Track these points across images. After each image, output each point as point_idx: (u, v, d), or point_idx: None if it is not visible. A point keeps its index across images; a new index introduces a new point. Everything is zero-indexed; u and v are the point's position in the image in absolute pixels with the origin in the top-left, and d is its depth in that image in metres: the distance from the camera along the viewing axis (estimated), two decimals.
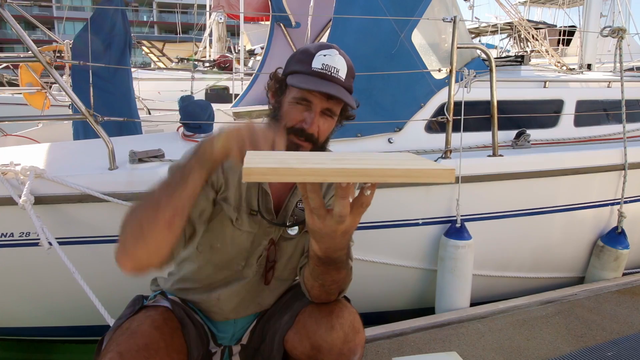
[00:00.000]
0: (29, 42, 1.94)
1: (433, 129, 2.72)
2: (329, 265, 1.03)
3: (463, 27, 3.07)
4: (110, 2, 3.14)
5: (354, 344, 1.14)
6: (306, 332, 1.15)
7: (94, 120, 2.07)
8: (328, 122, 1.16)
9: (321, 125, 1.14)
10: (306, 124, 1.12)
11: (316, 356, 1.13)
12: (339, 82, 1.12)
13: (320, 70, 1.11)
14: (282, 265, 1.31)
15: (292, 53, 1.21)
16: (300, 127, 1.12)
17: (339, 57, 1.14)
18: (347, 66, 1.15)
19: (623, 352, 2.01)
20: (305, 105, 1.12)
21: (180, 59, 9.96)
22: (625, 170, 2.81)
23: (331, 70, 1.12)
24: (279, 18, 4.03)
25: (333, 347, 1.12)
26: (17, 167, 1.98)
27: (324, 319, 1.14)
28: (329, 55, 1.13)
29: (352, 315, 1.17)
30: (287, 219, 1.25)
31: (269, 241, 1.26)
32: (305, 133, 1.12)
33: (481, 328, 2.22)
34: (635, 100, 3.44)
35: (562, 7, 10.67)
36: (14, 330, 2.53)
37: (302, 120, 1.12)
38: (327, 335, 1.12)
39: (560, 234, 2.84)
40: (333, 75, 1.12)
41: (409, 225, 2.47)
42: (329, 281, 1.10)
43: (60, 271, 1.95)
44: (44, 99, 4.00)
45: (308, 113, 1.12)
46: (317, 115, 1.12)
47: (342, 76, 1.13)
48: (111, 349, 1.02)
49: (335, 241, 0.91)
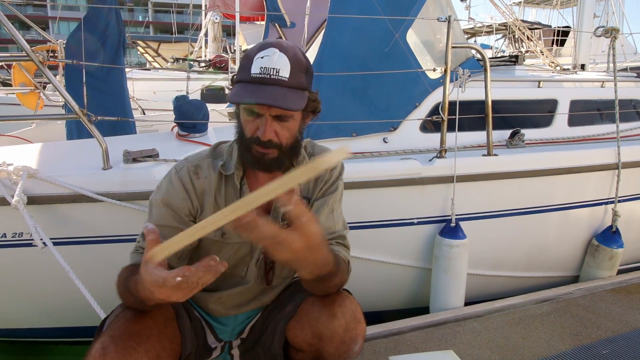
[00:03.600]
0: (21, 41, 1.93)
1: (428, 129, 2.73)
2: (321, 281, 1.04)
3: (457, 27, 3.07)
4: (104, 2, 3.12)
5: (355, 332, 1.14)
6: (308, 320, 1.15)
7: (88, 119, 2.06)
8: (287, 125, 1.11)
9: (279, 130, 1.10)
10: (260, 132, 1.09)
11: (317, 344, 1.14)
12: (282, 83, 1.05)
13: (258, 76, 1.04)
14: (279, 266, 1.31)
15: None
16: (256, 136, 1.09)
17: (279, 55, 1.06)
18: (290, 62, 1.06)
19: (618, 350, 2.02)
20: (256, 114, 1.09)
21: (175, 59, 9.92)
22: (619, 170, 2.83)
23: (270, 73, 1.04)
24: (274, 18, 4.03)
25: (334, 334, 1.12)
26: (9, 167, 1.96)
27: (326, 307, 1.14)
28: (266, 56, 1.05)
29: (354, 305, 1.18)
30: (279, 218, 1.24)
31: None
32: (262, 142, 1.09)
33: (477, 327, 2.22)
34: (629, 100, 3.46)
35: (557, 8, 10.71)
36: (7, 331, 2.50)
37: (256, 129, 1.09)
38: (329, 322, 1.12)
39: (555, 233, 2.85)
40: (273, 77, 1.04)
41: (404, 225, 2.47)
42: (325, 288, 1.11)
43: (54, 271, 1.94)
44: (37, 99, 3.97)
45: (260, 120, 1.09)
46: (268, 123, 1.08)
47: (284, 76, 1.05)
48: (105, 333, 1.03)
49: (315, 259, 0.90)
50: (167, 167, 2.08)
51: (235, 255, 1.26)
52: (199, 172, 1.21)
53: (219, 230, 1.20)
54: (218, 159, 1.24)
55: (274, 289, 1.34)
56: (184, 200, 1.19)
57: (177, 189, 1.19)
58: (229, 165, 1.22)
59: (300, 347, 1.19)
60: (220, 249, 1.24)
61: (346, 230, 1.29)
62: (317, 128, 2.44)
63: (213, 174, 1.22)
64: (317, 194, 1.27)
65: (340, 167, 1.31)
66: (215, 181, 1.21)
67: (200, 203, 1.21)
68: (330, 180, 1.28)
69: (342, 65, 2.55)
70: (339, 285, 1.14)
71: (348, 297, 1.20)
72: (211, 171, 1.22)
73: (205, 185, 1.21)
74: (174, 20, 11.94)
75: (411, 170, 2.39)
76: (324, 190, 1.27)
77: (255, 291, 1.32)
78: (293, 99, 1.06)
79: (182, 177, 1.20)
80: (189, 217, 1.20)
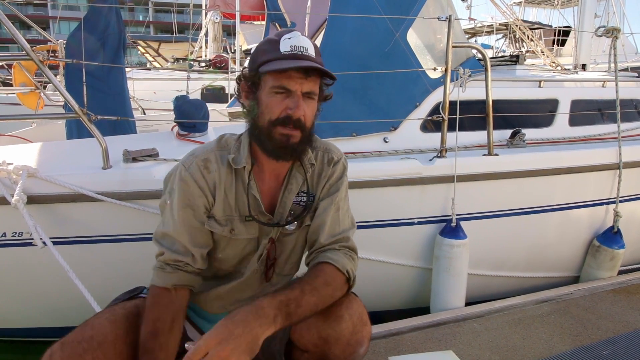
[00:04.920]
0: (21, 41, 1.93)
1: (428, 128, 2.72)
2: (302, 315, 1.04)
3: (458, 27, 3.07)
4: (105, 1, 3.12)
5: (361, 335, 1.15)
6: (315, 321, 1.14)
7: (88, 119, 2.06)
8: (311, 105, 1.15)
9: (306, 109, 1.13)
10: (291, 109, 1.10)
11: (323, 346, 1.13)
12: (311, 59, 1.12)
13: (290, 52, 1.10)
14: (282, 262, 1.32)
15: (254, 49, 1.19)
16: (286, 114, 1.11)
17: (303, 38, 1.14)
18: (312, 45, 1.15)
19: (618, 350, 2.02)
20: (285, 92, 1.11)
21: (176, 58, 9.92)
22: (620, 170, 2.82)
23: (301, 50, 1.11)
24: (275, 18, 4.03)
25: (341, 337, 1.12)
26: (9, 167, 1.96)
27: (333, 309, 1.14)
28: (293, 37, 1.12)
29: (361, 308, 1.18)
30: (284, 215, 1.25)
31: (269, 240, 1.27)
32: (293, 120, 1.11)
33: (477, 327, 2.22)
34: (630, 100, 3.45)
35: (557, 8, 10.71)
36: (7, 331, 2.51)
37: (287, 108, 1.11)
38: (336, 325, 1.12)
39: (555, 233, 2.84)
40: (304, 54, 1.11)
41: (405, 224, 2.47)
42: (315, 310, 1.09)
43: (53, 271, 1.93)
44: (38, 98, 3.97)
45: (290, 99, 1.11)
46: (300, 99, 1.11)
47: (312, 54, 1.13)
48: (60, 339, 1.05)
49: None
50: (167, 166, 2.08)
51: (242, 252, 1.26)
52: (209, 166, 1.20)
53: (228, 225, 1.21)
54: (224, 151, 1.24)
55: (273, 287, 1.34)
56: (200, 198, 1.19)
57: (192, 187, 1.18)
58: (239, 159, 1.21)
59: (305, 348, 1.18)
60: (228, 243, 1.24)
61: (353, 229, 1.28)
62: (317, 127, 2.43)
63: (222, 167, 1.21)
64: (321, 191, 1.27)
65: (343, 162, 1.32)
66: (225, 175, 1.21)
67: (213, 196, 1.20)
68: (333, 175, 1.28)
69: (343, 64, 2.55)
70: (335, 298, 1.13)
71: (355, 299, 1.19)
72: (220, 164, 1.21)
73: (215, 179, 1.20)
74: (175, 20, 11.94)
75: (412, 170, 2.39)
76: (328, 187, 1.27)
77: (255, 287, 1.32)
78: (324, 68, 1.13)
79: (193, 174, 1.19)
80: (206, 212, 1.21)
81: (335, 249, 1.21)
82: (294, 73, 1.09)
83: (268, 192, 1.25)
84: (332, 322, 1.12)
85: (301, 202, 1.26)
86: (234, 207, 1.22)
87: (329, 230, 1.22)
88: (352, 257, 1.22)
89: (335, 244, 1.22)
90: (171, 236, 1.17)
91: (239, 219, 1.22)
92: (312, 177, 1.27)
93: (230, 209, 1.22)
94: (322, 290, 1.10)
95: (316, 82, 1.15)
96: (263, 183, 1.24)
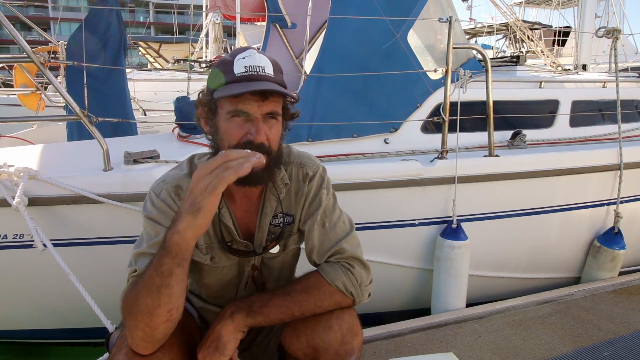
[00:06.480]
0: (22, 43, 1.93)
1: (429, 130, 2.72)
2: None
3: (459, 28, 3.07)
4: (106, 3, 3.13)
5: (351, 346, 1.13)
6: (304, 329, 1.14)
7: (89, 121, 2.06)
8: (275, 126, 1.07)
9: (268, 132, 1.04)
10: (251, 134, 1.02)
11: (312, 354, 1.13)
12: (269, 78, 1.03)
13: (245, 74, 1.02)
14: (272, 284, 1.30)
15: (211, 70, 1.11)
16: (246, 140, 1.02)
17: (259, 55, 1.05)
18: (270, 62, 1.06)
19: (619, 352, 2.01)
20: (244, 116, 1.03)
21: (176, 59, 9.92)
22: (620, 170, 2.82)
23: (257, 70, 1.02)
24: (275, 19, 4.02)
25: (330, 347, 1.11)
26: (10, 169, 1.96)
27: (323, 317, 1.13)
28: (248, 56, 1.04)
29: (352, 318, 1.16)
30: (264, 240, 1.21)
31: (251, 267, 1.25)
32: (255, 145, 1.01)
33: (478, 328, 2.22)
34: (630, 100, 3.45)
35: (557, 8, 10.71)
36: (8, 333, 2.51)
37: (247, 133, 1.03)
38: (324, 334, 1.11)
39: (556, 234, 2.84)
40: (260, 74, 1.02)
41: (405, 226, 2.47)
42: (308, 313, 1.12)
43: (54, 273, 1.94)
44: (39, 100, 3.98)
45: (249, 123, 1.03)
46: (259, 122, 1.03)
47: (269, 72, 1.04)
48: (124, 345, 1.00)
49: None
50: (167, 168, 2.07)
51: (223, 279, 1.24)
52: (180, 193, 1.13)
53: (208, 254, 1.18)
54: None
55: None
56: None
57: (164, 211, 1.12)
58: None
59: (295, 355, 1.17)
60: (210, 272, 1.22)
61: (350, 233, 1.23)
62: (318, 129, 2.44)
63: None
64: (300, 212, 1.22)
65: (320, 173, 1.24)
66: None
67: None
68: (310, 192, 1.21)
69: (343, 66, 2.55)
70: (323, 307, 1.13)
71: (347, 309, 1.17)
72: None
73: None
74: (175, 21, 11.93)
75: (412, 171, 2.39)
76: (308, 206, 1.22)
77: None
78: (283, 90, 1.04)
79: (164, 200, 1.13)
80: None
81: (331, 262, 1.18)
82: (250, 96, 1.01)
83: (244, 217, 1.20)
84: (320, 331, 1.11)
85: (280, 224, 1.22)
86: (213, 236, 1.18)
87: (319, 251, 1.19)
88: (349, 269, 1.17)
89: (331, 258, 1.19)
90: (147, 253, 1.11)
91: (218, 246, 1.18)
92: (288, 197, 1.22)
93: (209, 237, 1.18)
94: (296, 296, 1.09)
95: (278, 101, 1.06)
96: (236, 208, 1.19)
